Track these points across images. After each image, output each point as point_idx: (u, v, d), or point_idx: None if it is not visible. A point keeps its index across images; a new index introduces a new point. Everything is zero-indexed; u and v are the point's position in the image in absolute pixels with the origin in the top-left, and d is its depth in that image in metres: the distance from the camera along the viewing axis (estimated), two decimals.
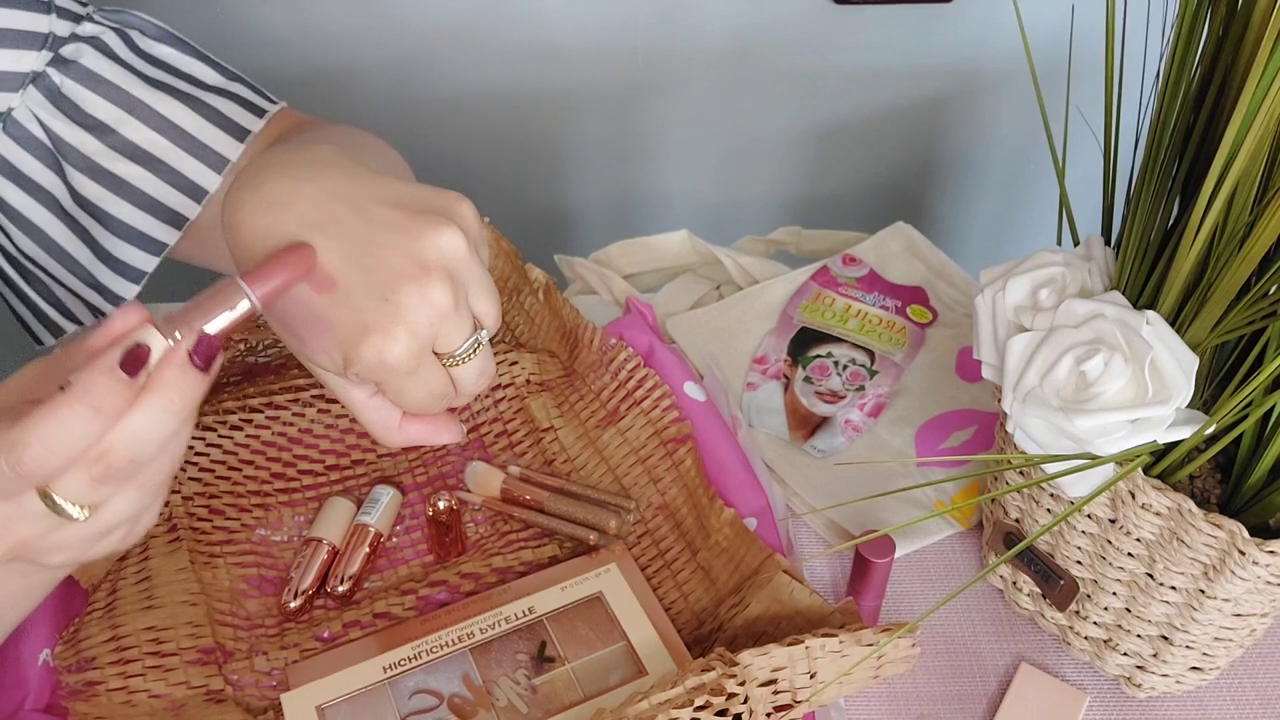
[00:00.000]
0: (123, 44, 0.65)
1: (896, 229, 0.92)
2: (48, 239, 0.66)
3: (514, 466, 0.73)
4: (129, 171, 0.64)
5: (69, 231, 0.66)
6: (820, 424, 0.78)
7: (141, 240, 0.67)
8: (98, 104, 0.63)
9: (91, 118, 0.63)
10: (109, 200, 0.65)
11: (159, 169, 0.65)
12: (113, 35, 0.65)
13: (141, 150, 0.64)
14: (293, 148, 0.49)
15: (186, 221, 0.66)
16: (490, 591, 0.66)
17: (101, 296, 0.69)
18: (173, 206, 0.66)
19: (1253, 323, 0.54)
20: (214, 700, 0.61)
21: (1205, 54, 0.54)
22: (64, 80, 0.63)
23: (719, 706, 0.56)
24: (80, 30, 0.64)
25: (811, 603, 0.63)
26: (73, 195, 0.65)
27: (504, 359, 0.77)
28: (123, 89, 0.64)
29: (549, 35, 1.17)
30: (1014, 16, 1.17)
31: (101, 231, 0.66)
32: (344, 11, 1.14)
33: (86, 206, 0.65)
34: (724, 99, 1.24)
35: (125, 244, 0.67)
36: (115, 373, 0.39)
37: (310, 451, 0.73)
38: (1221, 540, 0.54)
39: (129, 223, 0.66)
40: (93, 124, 0.63)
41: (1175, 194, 0.58)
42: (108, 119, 0.63)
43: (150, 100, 0.64)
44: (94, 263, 0.67)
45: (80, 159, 0.64)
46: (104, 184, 0.64)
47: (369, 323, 0.44)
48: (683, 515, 0.70)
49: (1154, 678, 0.63)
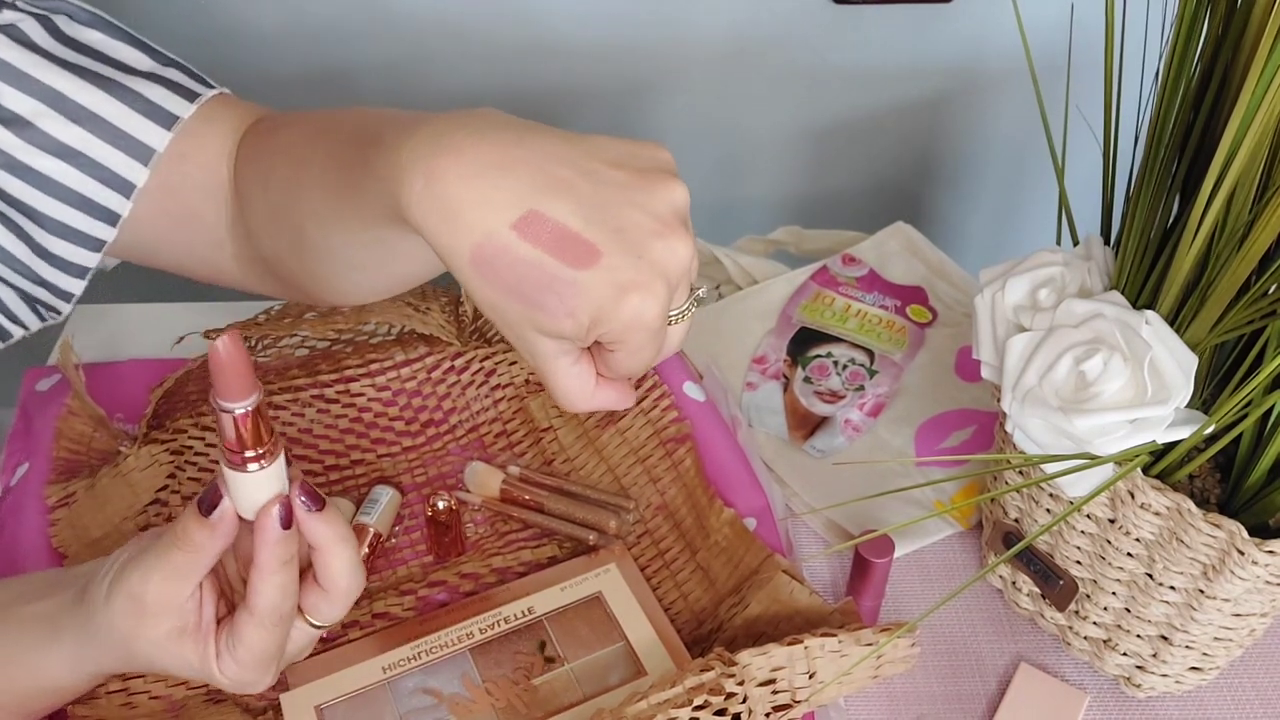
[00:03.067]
0: (44, 30, 0.61)
1: (896, 229, 0.92)
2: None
3: (513, 466, 0.73)
4: (51, 167, 0.61)
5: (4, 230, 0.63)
6: (820, 424, 0.78)
7: (76, 236, 0.63)
8: (13, 96, 0.59)
9: (7, 111, 0.60)
10: (35, 197, 0.62)
11: (82, 163, 0.61)
12: (32, 22, 0.61)
13: (62, 145, 0.61)
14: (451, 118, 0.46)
15: (119, 218, 0.63)
16: (490, 592, 0.66)
17: (49, 292, 0.66)
18: (102, 202, 0.62)
19: (1252, 322, 0.54)
20: (213, 701, 0.61)
21: (1205, 52, 0.54)
22: None
23: (718, 706, 0.56)
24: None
25: (811, 603, 0.63)
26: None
27: (503, 359, 0.77)
28: (38, 80, 0.60)
29: (548, 34, 1.17)
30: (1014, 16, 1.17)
31: (34, 228, 0.63)
32: (342, 10, 1.14)
33: (14, 204, 0.62)
34: (724, 98, 1.24)
35: (60, 240, 0.63)
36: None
37: (310, 452, 0.73)
38: (1221, 540, 0.54)
39: (60, 219, 0.62)
40: (8, 118, 0.60)
41: (1175, 193, 0.58)
42: (24, 112, 0.60)
43: (70, 90, 0.60)
44: (33, 259, 0.64)
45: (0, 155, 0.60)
46: (28, 181, 0.61)
47: (626, 281, 0.43)
48: (682, 515, 0.70)
49: (1153, 678, 0.63)
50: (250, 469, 0.48)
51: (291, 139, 0.59)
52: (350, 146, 0.52)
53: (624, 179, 0.45)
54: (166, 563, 0.50)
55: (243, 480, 0.49)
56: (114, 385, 0.77)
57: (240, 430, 0.47)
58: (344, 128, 0.55)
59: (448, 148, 0.44)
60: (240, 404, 0.47)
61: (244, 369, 0.46)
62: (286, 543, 0.50)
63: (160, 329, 0.73)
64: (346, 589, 0.53)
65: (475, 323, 0.81)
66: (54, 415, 0.74)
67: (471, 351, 0.76)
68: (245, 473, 0.48)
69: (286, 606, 0.52)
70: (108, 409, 0.74)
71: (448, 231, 0.44)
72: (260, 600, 0.50)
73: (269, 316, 0.77)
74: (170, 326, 0.75)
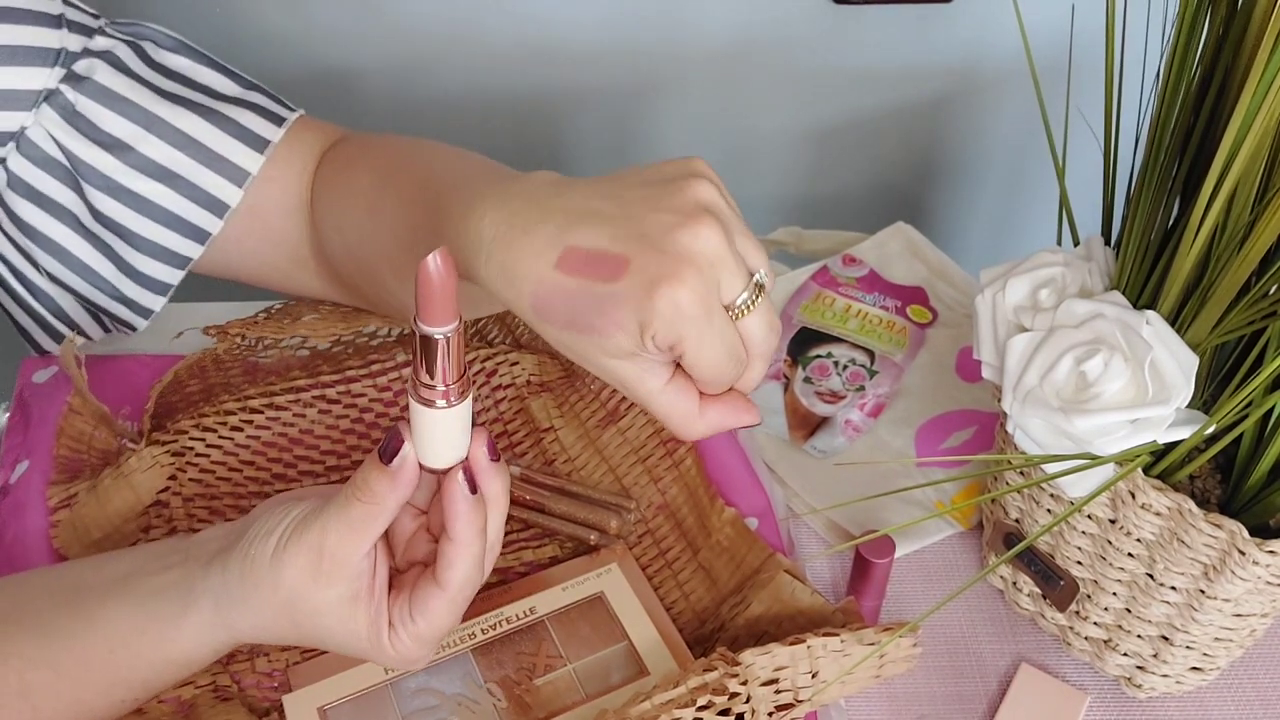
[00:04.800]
0: (136, 57, 0.64)
1: (896, 229, 0.92)
2: (68, 255, 0.66)
3: (514, 466, 0.73)
4: (149, 189, 0.64)
5: (91, 248, 0.66)
6: (820, 424, 0.78)
7: (165, 255, 0.66)
8: (114, 121, 0.63)
9: (109, 136, 0.63)
10: (130, 218, 0.65)
11: (179, 185, 0.64)
12: (126, 49, 0.64)
13: (160, 167, 0.64)
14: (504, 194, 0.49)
15: (209, 236, 0.66)
16: (491, 592, 0.66)
17: (128, 309, 0.69)
18: (194, 221, 0.66)
19: (1253, 323, 0.54)
20: (221, 698, 0.61)
21: (1205, 54, 0.55)
22: (78, 98, 0.62)
23: (721, 706, 0.56)
24: (93, 45, 0.63)
25: (813, 602, 0.63)
26: (93, 213, 0.64)
27: (504, 359, 0.77)
28: (138, 105, 0.63)
29: (548, 36, 1.17)
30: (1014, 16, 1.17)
31: (124, 247, 0.66)
32: (344, 13, 1.14)
33: (108, 224, 0.65)
34: (724, 99, 1.24)
35: (149, 259, 0.66)
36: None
37: (311, 452, 0.73)
38: (1221, 540, 0.54)
39: (151, 239, 0.66)
40: (110, 142, 0.63)
41: (1175, 194, 0.58)
42: (125, 136, 0.63)
43: (167, 115, 0.63)
44: (119, 277, 0.67)
45: (99, 178, 0.63)
46: (124, 202, 0.64)
47: (654, 275, 0.44)
48: (683, 515, 0.70)
49: (1154, 678, 0.63)
50: (440, 405, 0.46)
51: (363, 184, 0.61)
52: (420, 210, 0.54)
53: (648, 192, 0.47)
54: (345, 515, 0.48)
55: (431, 420, 0.46)
56: (112, 381, 0.77)
57: (440, 359, 0.44)
58: (414, 179, 0.57)
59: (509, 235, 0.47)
60: (445, 328, 0.44)
61: (452, 290, 0.44)
62: (478, 509, 0.48)
63: (159, 325, 0.73)
64: (496, 543, 0.51)
65: (476, 324, 0.82)
66: (54, 412, 0.74)
67: (473, 352, 0.77)
68: (436, 409, 0.46)
69: (477, 579, 0.50)
70: (107, 405, 0.74)
71: (512, 289, 0.47)
72: (454, 574, 0.49)
73: (269, 316, 0.77)
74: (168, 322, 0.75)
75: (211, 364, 0.77)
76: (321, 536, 0.48)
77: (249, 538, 0.51)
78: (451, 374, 0.45)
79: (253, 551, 0.50)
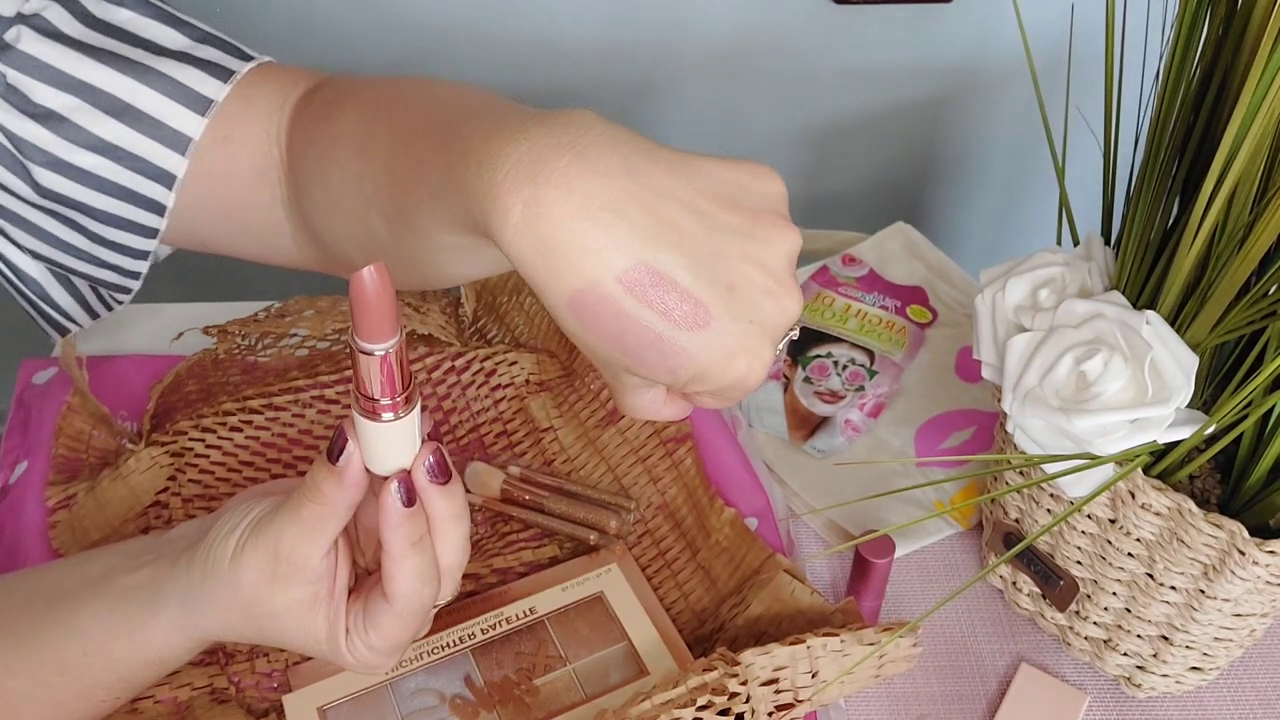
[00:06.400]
0: (70, 16, 0.58)
1: (896, 229, 0.92)
2: (38, 229, 0.61)
3: (514, 467, 0.73)
4: (92, 162, 0.58)
5: (56, 221, 0.61)
6: (820, 424, 0.78)
7: (129, 225, 0.61)
8: (45, 92, 0.56)
9: (41, 108, 0.57)
10: (81, 192, 0.59)
11: (119, 157, 0.58)
12: (58, 9, 0.58)
13: (98, 139, 0.57)
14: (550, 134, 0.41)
15: (166, 209, 0.60)
16: (491, 592, 0.66)
17: (115, 274, 0.64)
18: (148, 195, 0.60)
19: (1253, 323, 0.54)
20: (218, 700, 0.61)
21: (1205, 54, 0.55)
22: (7, 69, 0.56)
23: (721, 706, 0.56)
24: (25, 8, 0.57)
25: (813, 602, 0.63)
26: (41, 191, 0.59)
27: (503, 359, 0.77)
28: (67, 73, 0.57)
29: (549, 34, 1.17)
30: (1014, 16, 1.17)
31: (88, 220, 0.61)
32: (344, 11, 1.14)
33: (61, 200, 0.59)
34: (724, 98, 1.24)
35: (116, 229, 0.61)
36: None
37: (310, 452, 0.73)
38: (1221, 540, 0.54)
39: (110, 211, 0.60)
40: (43, 114, 0.57)
41: (1175, 194, 0.58)
42: (58, 108, 0.57)
43: (101, 81, 0.57)
44: (92, 246, 0.62)
45: (39, 154, 0.57)
46: (71, 177, 0.58)
47: (735, 347, 0.41)
48: (683, 515, 0.70)
49: (1154, 678, 0.63)
50: (384, 418, 0.43)
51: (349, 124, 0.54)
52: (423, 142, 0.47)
53: (737, 224, 0.42)
54: (298, 516, 0.47)
55: (374, 431, 0.44)
56: (112, 382, 0.77)
57: (379, 376, 0.42)
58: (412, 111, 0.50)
59: (550, 177, 0.40)
60: (382, 345, 0.41)
61: (389, 305, 0.41)
62: (412, 522, 0.46)
63: (158, 325, 0.72)
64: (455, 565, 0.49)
65: (475, 324, 0.82)
66: (53, 412, 0.74)
67: (471, 352, 0.76)
68: (379, 422, 0.43)
69: (426, 594, 0.48)
70: (107, 405, 0.74)
71: (547, 270, 0.40)
72: (396, 588, 0.47)
73: (268, 315, 0.77)
74: (168, 323, 0.74)
75: (211, 365, 0.77)
76: (277, 539, 0.47)
77: (209, 539, 0.50)
78: (394, 388, 0.43)
79: (213, 554, 0.49)
